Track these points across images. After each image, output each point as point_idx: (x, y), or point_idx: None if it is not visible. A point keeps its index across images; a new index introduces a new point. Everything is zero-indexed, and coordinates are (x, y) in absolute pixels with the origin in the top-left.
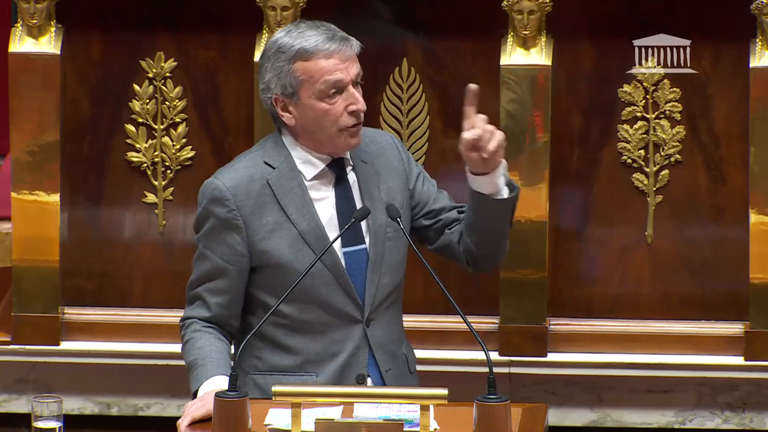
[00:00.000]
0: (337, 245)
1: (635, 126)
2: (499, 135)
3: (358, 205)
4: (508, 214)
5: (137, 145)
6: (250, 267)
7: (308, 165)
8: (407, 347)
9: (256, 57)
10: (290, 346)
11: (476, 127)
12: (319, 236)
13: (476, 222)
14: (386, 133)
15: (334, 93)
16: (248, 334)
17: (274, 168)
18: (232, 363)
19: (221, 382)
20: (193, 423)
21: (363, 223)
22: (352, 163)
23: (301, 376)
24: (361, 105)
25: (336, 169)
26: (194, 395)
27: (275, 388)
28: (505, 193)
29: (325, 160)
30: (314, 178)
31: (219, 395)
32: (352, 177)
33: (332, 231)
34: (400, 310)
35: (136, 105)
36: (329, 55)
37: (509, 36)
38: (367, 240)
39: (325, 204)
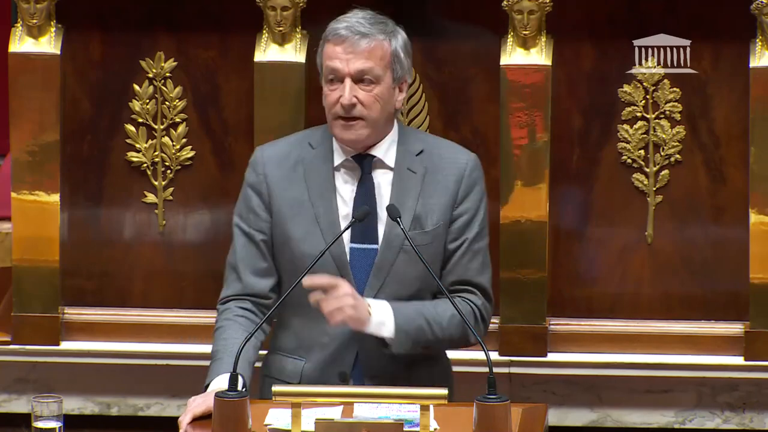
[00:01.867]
0: (345, 237)
1: (635, 126)
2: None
3: (380, 206)
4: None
5: (137, 145)
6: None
7: (338, 152)
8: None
9: (257, 57)
10: (292, 326)
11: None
12: (332, 223)
13: None
14: (468, 154)
15: (332, 80)
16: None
17: (313, 148)
18: (255, 355)
19: None
20: (195, 420)
21: (381, 226)
22: (392, 166)
23: (294, 359)
24: (346, 100)
25: (361, 164)
26: (206, 389)
27: (275, 388)
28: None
29: (349, 152)
30: (342, 167)
31: (219, 395)
32: (386, 178)
33: (344, 223)
34: None
35: (136, 105)
36: (338, 42)
37: (509, 36)
38: (379, 243)
39: (345, 195)
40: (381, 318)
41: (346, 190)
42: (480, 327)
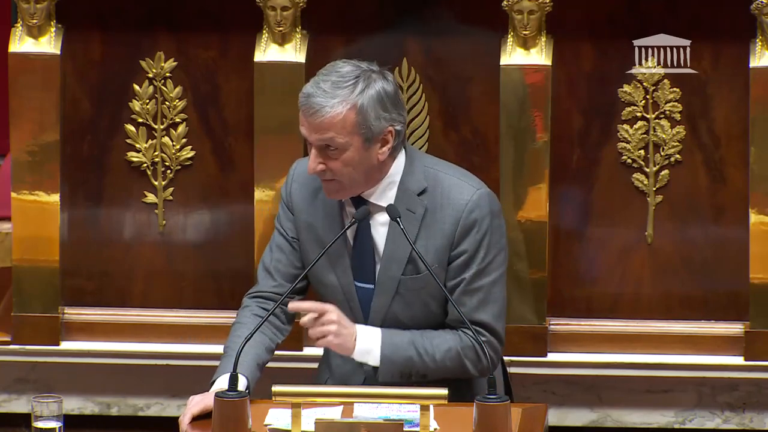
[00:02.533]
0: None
1: (635, 126)
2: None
3: (378, 246)
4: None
5: (137, 145)
6: None
7: None
8: None
9: (257, 57)
10: None
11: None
12: (340, 255)
13: None
14: (471, 193)
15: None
16: None
17: None
18: (267, 356)
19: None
20: (196, 419)
21: (378, 267)
22: (388, 208)
23: (323, 372)
24: (310, 169)
25: (356, 206)
26: (212, 385)
27: (275, 388)
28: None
29: None
30: (347, 204)
31: (219, 395)
32: (384, 219)
33: (343, 257)
34: None
35: (136, 105)
36: (302, 109)
37: (509, 36)
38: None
39: (349, 232)
40: (367, 346)
41: (349, 225)
42: (483, 363)
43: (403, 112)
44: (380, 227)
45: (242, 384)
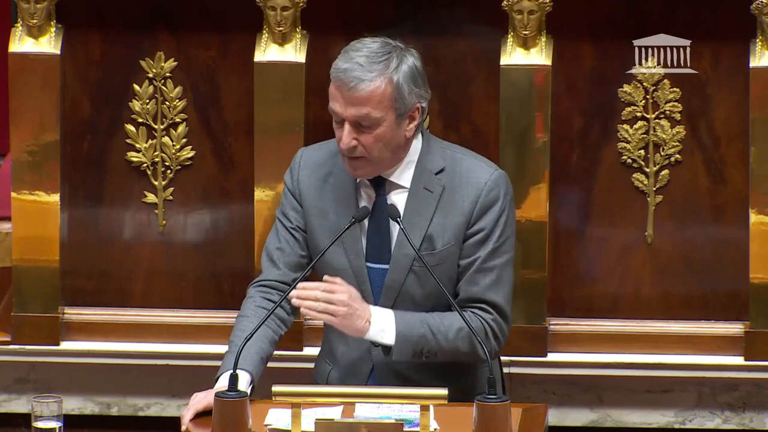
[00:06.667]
0: (363, 255)
1: (635, 126)
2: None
3: (393, 226)
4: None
5: (137, 145)
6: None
7: None
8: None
9: (257, 57)
10: (326, 330)
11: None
12: (354, 239)
13: None
14: (490, 173)
15: (335, 119)
16: None
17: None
18: (271, 349)
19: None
20: (198, 416)
21: (393, 245)
22: (407, 186)
23: (325, 363)
24: (344, 144)
25: (375, 186)
26: (217, 381)
27: (275, 388)
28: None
29: None
30: (363, 184)
31: (219, 395)
32: (401, 198)
33: (357, 240)
34: None
35: (136, 105)
36: (337, 84)
37: (509, 36)
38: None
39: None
40: (381, 325)
41: (364, 206)
42: (491, 343)
43: (428, 90)
44: (399, 206)
45: (245, 380)
